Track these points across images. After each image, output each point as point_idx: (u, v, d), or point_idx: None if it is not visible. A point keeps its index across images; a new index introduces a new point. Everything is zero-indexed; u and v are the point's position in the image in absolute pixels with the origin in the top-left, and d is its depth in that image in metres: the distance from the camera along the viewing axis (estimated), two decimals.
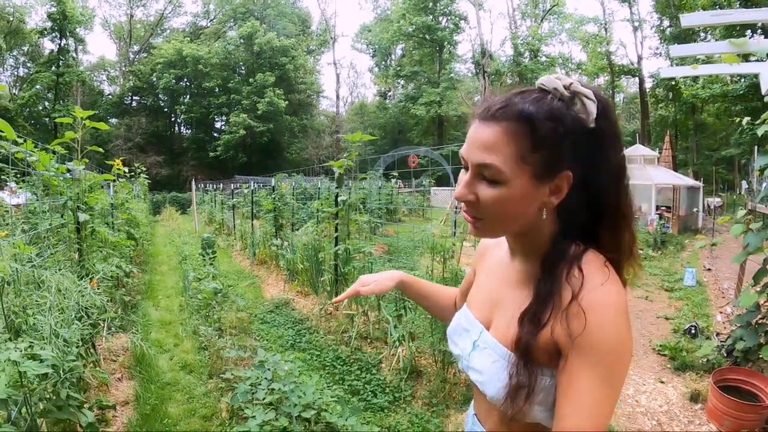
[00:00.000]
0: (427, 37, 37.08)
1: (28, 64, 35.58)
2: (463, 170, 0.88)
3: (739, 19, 4.09)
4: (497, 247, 1.08)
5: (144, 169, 13.32)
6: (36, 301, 2.40)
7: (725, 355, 4.00)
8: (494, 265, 1.05)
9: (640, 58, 34.24)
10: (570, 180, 0.82)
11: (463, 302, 1.20)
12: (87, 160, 4.24)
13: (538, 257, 0.89)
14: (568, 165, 0.81)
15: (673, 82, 27.79)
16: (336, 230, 5.17)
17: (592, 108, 0.79)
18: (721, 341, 4.31)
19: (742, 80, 20.33)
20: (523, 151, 0.79)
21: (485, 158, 0.81)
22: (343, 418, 2.60)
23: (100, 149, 4.57)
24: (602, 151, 0.83)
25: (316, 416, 2.60)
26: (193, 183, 15.43)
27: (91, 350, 3.83)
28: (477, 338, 0.96)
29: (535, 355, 0.81)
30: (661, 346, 4.69)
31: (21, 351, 1.92)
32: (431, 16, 36.66)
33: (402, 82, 43.14)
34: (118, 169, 6.71)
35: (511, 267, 0.98)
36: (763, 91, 3.88)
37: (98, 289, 3.15)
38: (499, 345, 0.89)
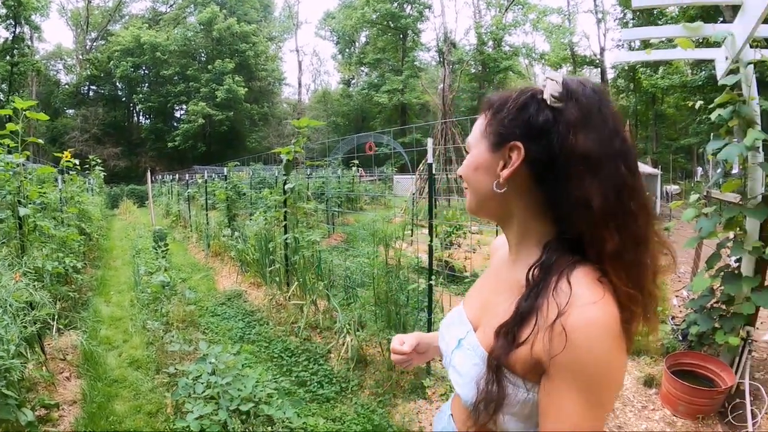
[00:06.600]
0: (390, 24, 36.94)
1: None
2: None
3: (694, 0, 3.83)
4: (503, 247, 1.04)
5: (100, 161, 12.94)
6: None
7: (680, 339, 4.02)
8: (496, 267, 1.07)
9: (602, 49, 34.54)
10: (521, 152, 0.82)
11: None
12: (28, 153, 4.12)
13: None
14: (519, 138, 0.83)
15: (631, 72, 28.33)
16: (285, 219, 5.14)
17: (552, 88, 0.81)
18: (676, 325, 4.33)
19: (702, 72, 20.91)
20: (484, 126, 0.92)
21: (468, 139, 0.98)
22: (281, 411, 2.61)
23: (39, 140, 4.44)
24: (566, 131, 0.79)
25: (255, 409, 2.61)
26: (149, 174, 14.87)
27: (37, 349, 3.75)
28: (463, 337, 0.96)
29: (512, 368, 0.79)
30: None
31: None
32: (395, 4, 36.50)
33: (365, 69, 42.88)
34: (68, 161, 6.51)
35: (508, 272, 0.94)
36: (719, 77, 3.79)
37: (23, 283, 3.06)
38: (481, 348, 0.88)
